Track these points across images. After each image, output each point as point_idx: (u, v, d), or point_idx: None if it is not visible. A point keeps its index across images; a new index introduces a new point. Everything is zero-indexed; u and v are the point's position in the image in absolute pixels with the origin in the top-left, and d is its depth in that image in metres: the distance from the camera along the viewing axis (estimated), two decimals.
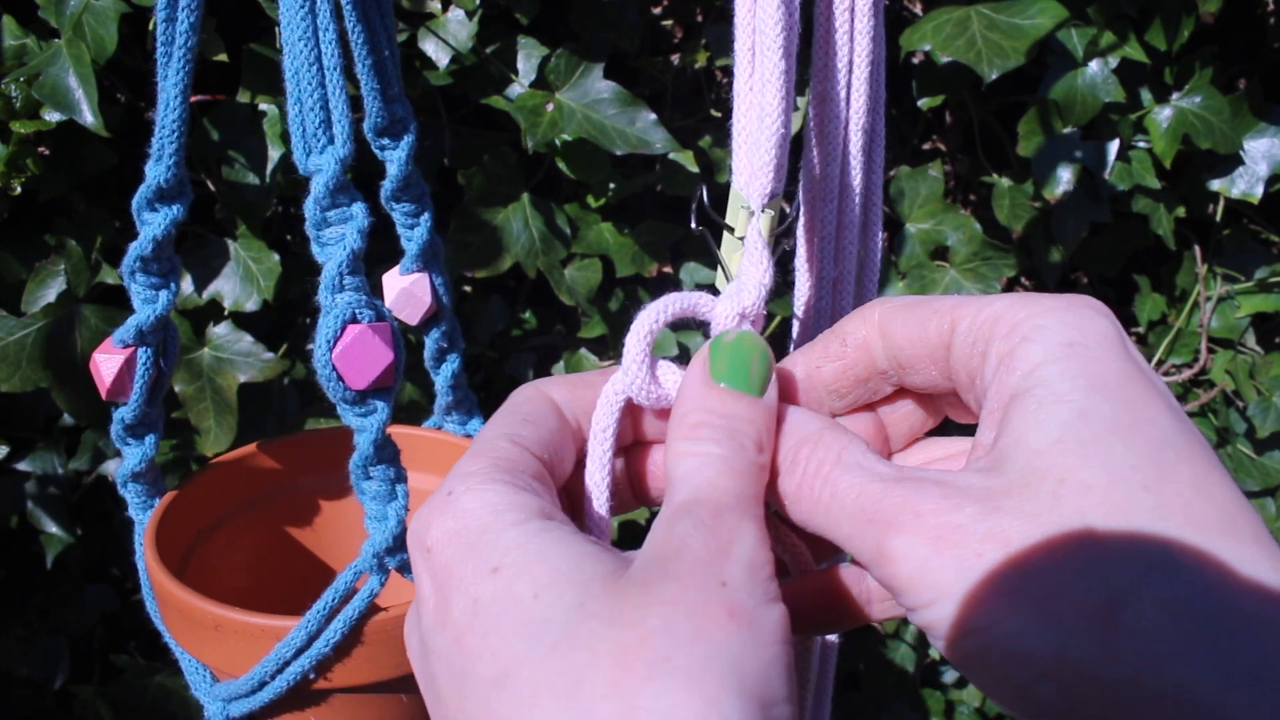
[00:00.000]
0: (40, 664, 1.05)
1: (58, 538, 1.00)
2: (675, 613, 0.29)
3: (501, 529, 0.31)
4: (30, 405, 0.97)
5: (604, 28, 0.98)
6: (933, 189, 1.12)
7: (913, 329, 0.36)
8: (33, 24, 0.84)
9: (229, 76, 0.91)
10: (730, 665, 0.28)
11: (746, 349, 0.36)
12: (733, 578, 0.30)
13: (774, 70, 0.39)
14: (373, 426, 0.50)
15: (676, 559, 0.30)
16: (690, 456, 0.34)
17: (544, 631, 0.29)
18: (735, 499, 0.33)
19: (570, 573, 0.30)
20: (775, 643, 0.29)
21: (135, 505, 0.63)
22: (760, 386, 0.35)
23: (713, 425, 0.34)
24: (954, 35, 0.97)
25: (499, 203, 0.99)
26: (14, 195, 0.84)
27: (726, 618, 0.29)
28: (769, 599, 0.30)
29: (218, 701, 0.56)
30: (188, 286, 0.93)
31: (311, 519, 0.71)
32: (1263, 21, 1.20)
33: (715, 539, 0.31)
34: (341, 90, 0.50)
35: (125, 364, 0.56)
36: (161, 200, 0.55)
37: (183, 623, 0.55)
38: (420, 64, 0.94)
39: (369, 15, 0.56)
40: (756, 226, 0.39)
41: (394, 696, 0.55)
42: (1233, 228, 1.25)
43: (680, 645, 0.28)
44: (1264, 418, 1.22)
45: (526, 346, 1.13)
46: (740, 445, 0.34)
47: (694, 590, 0.29)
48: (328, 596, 0.52)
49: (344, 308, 0.49)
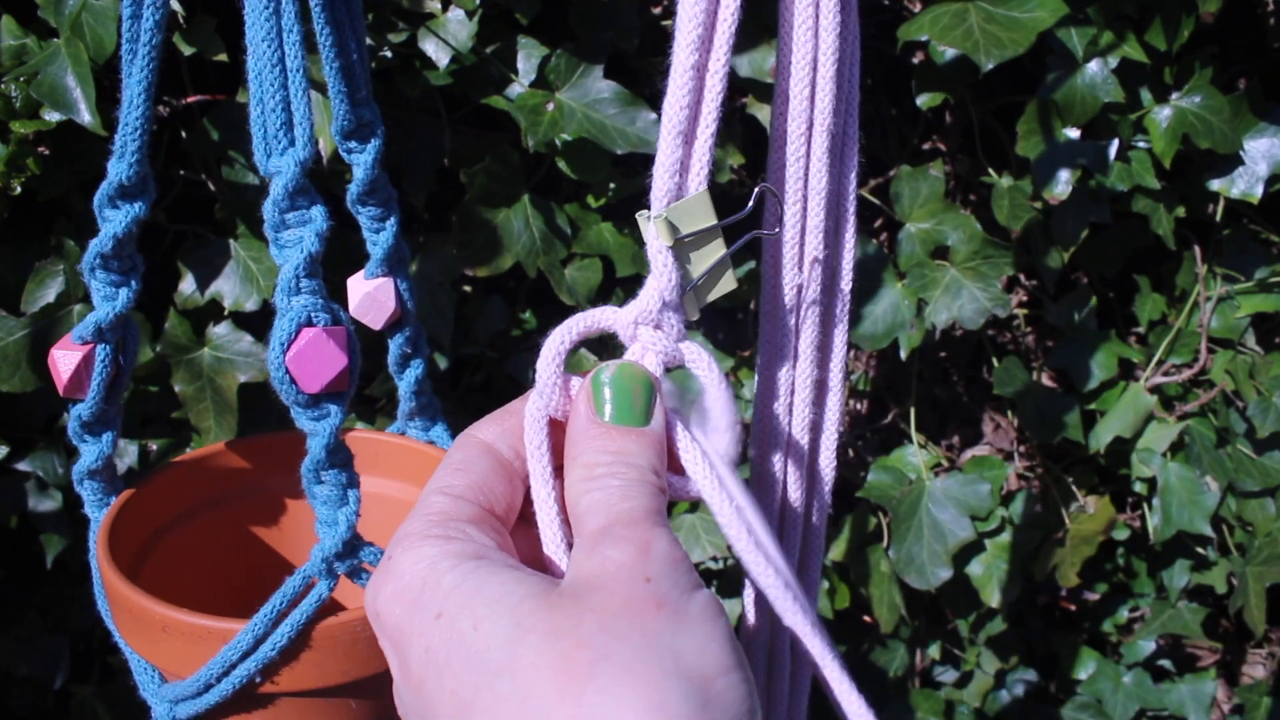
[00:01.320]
0: (40, 664, 1.05)
1: (57, 538, 1.00)
2: (607, 614, 0.31)
3: (439, 578, 0.33)
4: (30, 405, 0.97)
5: (604, 27, 0.98)
6: (933, 189, 1.12)
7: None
8: (33, 24, 0.84)
9: (229, 76, 0.91)
10: (666, 650, 0.30)
11: (627, 382, 0.37)
12: (656, 573, 0.32)
13: (684, 63, 0.38)
14: (325, 431, 0.50)
15: (600, 571, 0.32)
16: (593, 492, 0.35)
17: (488, 659, 0.30)
18: (644, 512, 0.35)
19: (503, 598, 0.32)
20: (705, 621, 0.32)
21: (91, 503, 0.63)
22: (645, 416, 0.37)
23: (606, 464, 0.36)
24: (951, 26, 0.97)
25: (500, 202, 0.99)
26: (14, 195, 0.84)
27: (655, 609, 0.31)
28: (693, 586, 0.33)
29: (164, 703, 0.56)
30: (188, 286, 0.93)
31: (278, 519, 0.71)
32: (1263, 21, 1.20)
33: (633, 545, 0.33)
34: (304, 93, 0.50)
35: (83, 361, 0.56)
36: (123, 198, 0.55)
37: (131, 622, 0.55)
38: (420, 64, 0.94)
39: (338, 18, 0.56)
40: (651, 230, 0.40)
41: (343, 702, 0.55)
42: (1233, 228, 1.25)
43: (616, 641, 0.30)
44: (1264, 418, 1.22)
45: (526, 346, 1.13)
46: (637, 475, 0.36)
47: (622, 592, 0.31)
48: (275, 600, 0.51)
49: (299, 310, 0.49)
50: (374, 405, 1.07)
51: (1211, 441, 1.27)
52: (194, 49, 0.86)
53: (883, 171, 1.18)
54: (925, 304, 1.12)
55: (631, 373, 0.37)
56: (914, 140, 1.21)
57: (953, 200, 1.22)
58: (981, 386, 1.35)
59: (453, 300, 1.00)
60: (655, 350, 0.39)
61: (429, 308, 0.99)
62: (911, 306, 1.12)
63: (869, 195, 1.16)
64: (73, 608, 1.07)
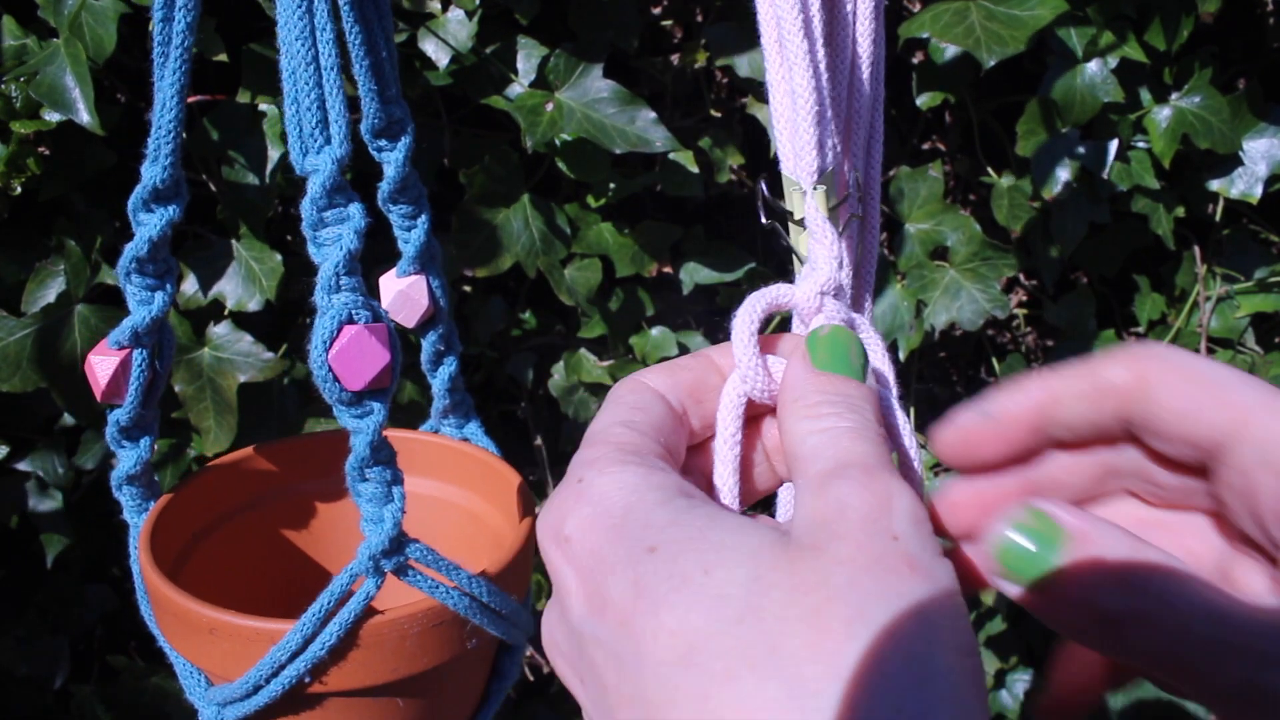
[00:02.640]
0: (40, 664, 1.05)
1: (58, 538, 1.00)
2: (857, 569, 0.28)
3: (648, 509, 0.30)
4: (30, 405, 0.97)
5: (603, 27, 0.98)
6: (932, 189, 1.12)
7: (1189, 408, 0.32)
8: (33, 24, 0.84)
9: (229, 76, 0.91)
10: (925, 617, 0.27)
11: (843, 339, 0.36)
12: (903, 531, 0.29)
13: (798, 51, 0.40)
14: (369, 428, 0.50)
15: (840, 519, 0.29)
16: (818, 432, 0.33)
17: (724, 606, 0.27)
18: (878, 461, 0.31)
19: (735, 546, 0.29)
20: (954, 592, 0.28)
21: (130, 508, 0.62)
22: (862, 372, 0.35)
23: (832, 402, 0.34)
24: (952, 24, 0.97)
25: (499, 203, 0.99)
26: (14, 195, 0.84)
27: (909, 570, 0.28)
28: (938, 552, 0.29)
29: (212, 706, 0.56)
30: (190, 287, 0.93)
31: (309, 522, 0.71)
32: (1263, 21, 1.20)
33: (875, 496, 0.30)
34: (339, 90, 0.50)
35: (120, 366, 0.56)
36: (157, 201, 0.55)
37: (177, 626, 0.55)
38: (420, 64, 0.94)
39: (367, 16, 0.56)
40: (813, 203, 0.40)
41: (390, 701, 0.55)
42: (1232, 228, 1.25)
43: (872, 600, 0.27)
44: None
45: (526, 346, 1.14)
46: (864, 418, 0.33)
47: (870, 547, 0.28)
48: (323, 599, 0.51)
49: (340, 308, 0.49)
50: None
51: None
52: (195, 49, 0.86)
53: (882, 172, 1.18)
54: (924, 305, 1.12)
55: (845, 333, 0.36)
56: (914, 140, 1.21)
57: (952, 200, 1.22)
58: (981, 386, 1.35)
59: (453, 300, 1.00)
60: (841, 318, 0.40)
61: None
62: (911, 307, 1.12)
63: None
64: (73, 608, 1.07)
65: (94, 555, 1.07)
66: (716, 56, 1.03)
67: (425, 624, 0.53)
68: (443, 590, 0.52)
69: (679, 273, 1.11)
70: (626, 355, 1.11)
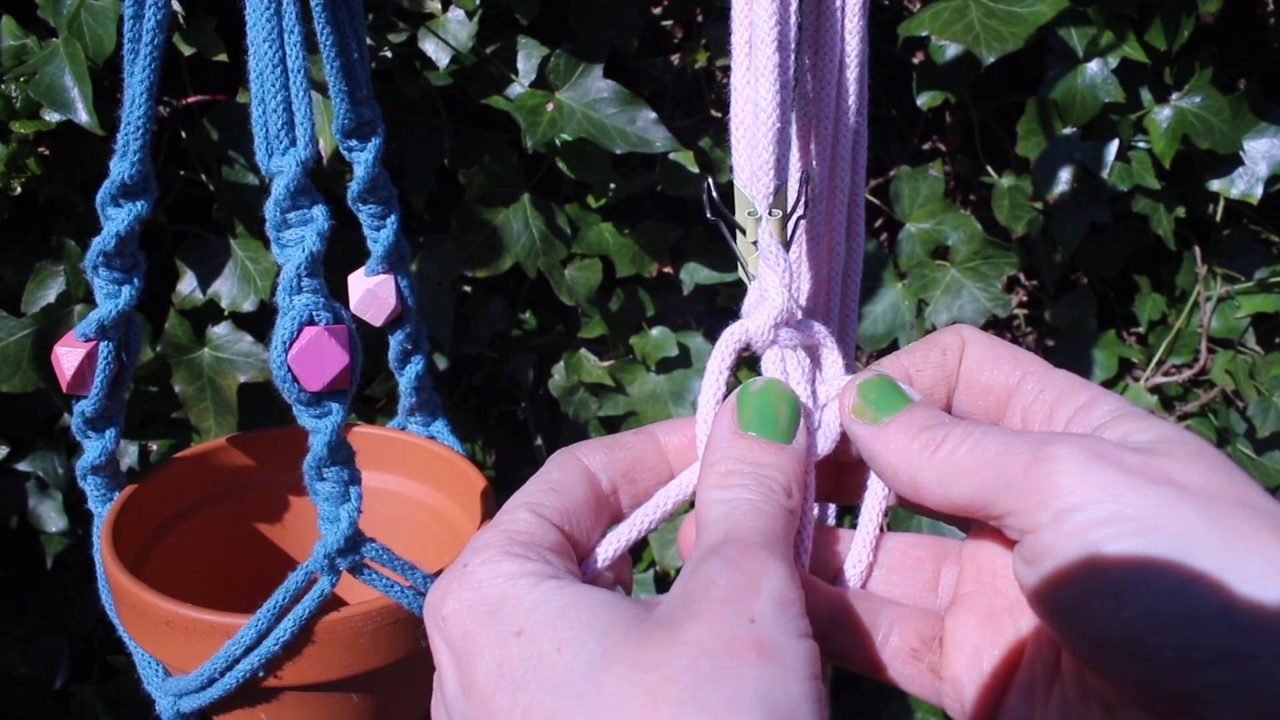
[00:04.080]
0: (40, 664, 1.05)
1: (58, 538, 1.00)
2: (701, 652, 0.29)
3: (520, 594, 0.32)
4: (30, 405, 0.97)
5: (603, 27, 0.98)
6: (933, 189, 1.12)
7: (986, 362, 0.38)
8: (33, 24, 0.84)
9: (229, 76, 0.91)
10: (758, 703, 0.28)
11: (773, 397, 0.36)
12: (762, 614, 0.30)
13: (768, 63, 0.39)
14: (327, 428, 0.50)
15: (703, 597, 0.30)
16: (719, 503, 0.34)
17: (570, 683, 0.29)
18: (764, 538, 0.33)
19: (590, 622, 0.30)
20: (805, 678, 0.29)
21: (94, 498, 0.63)
22: (788, 433, 0.36)
23: (741, 472, 0.35)
24: (952, 21, 0.97)
25: (499, 203, 0.99)
26: (14, 195, 0.84)
27: (755, 655, 0.29)
28: (800, 634, 0.30)
29: (169, 696, 0.57)
30: (187, 286, 0.93)
31: (279, 515, 0.71)
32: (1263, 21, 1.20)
33: (744, 576, 0.31)
34: (305, 93, 0.51)
35: (86, 358, 0.57)
36: (125, 196, 0.56)
37: (135, 617, 0.56)
38: (420, 64, 0.94)
39: (338, 18, 0.56)
40: (766, 230, 0.39)
41: (345, 696, 0.56)
42: (1233, 228, 1.25)
43: (707, 685, 0.28)
44: (1264, 418, 1.22)
45: (526, 346, 1.13)
46: (769, 490, 0.34)
47: (721, 628, 0.29)
48: (278, 596, 0.52)
49: (301, 309, 0.49)
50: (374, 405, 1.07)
51: (1212, 441, 1.27)
52: (194, 49, 0.86)
53: (883, 171, 1.18)
54: (925, 304, 1.12)
55: (778, 389, 0.37)
56: (914, 140, 1.21)
57: (953, 200, 1.22)
58: None
59: (453, 300, 1.00)
60: (795, 343, 0.40)
61: (429, 308, 0.99)
62: (912, 307, 1.12)
63: (869, 195, 1.16)
64: (73, 608, 1.07)
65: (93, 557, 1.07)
66: (717, 56, 1.03)
67: (380, 622, 0.54)
68: (398, 589, 0.53)
69: (679, 273, 1.11)
70: (627, 355, 1.11)
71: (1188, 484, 0.31)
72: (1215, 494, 0.30)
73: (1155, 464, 0.31)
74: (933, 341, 0.39)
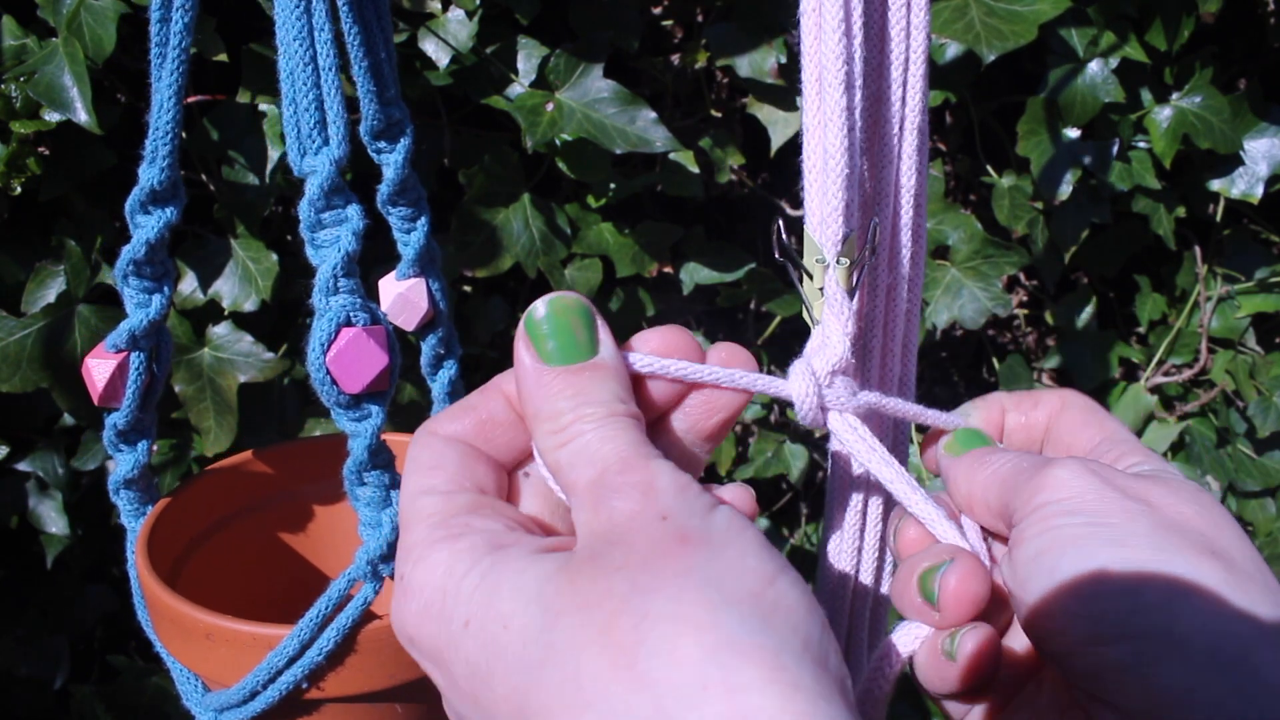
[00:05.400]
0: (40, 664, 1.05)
1: (58, 538, 1.00)
2: (634, 569, 0.28)
3: (457, 584, 0.31)
4: (30, 405, 0.97)
5: (603, 27, 0.97)
6: (933, 188, 1.12)
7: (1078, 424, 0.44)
8: (32, 24, 0.84)
9: (229, 76, 0.91)
10: (704, 584, 0.28)
11: (562, 317, 0.34)
12: (669, 507, 0.30)
13: (836, 107, 0.38)
14: (367, 431, 0.49)
15: (613, 526, 0.30)
16: (567, 445, 0.33)
17: (527, 656, 0.29)
18: (630, 448, 0.32)
19: (524, 588, 0.30)
20: (733, 537, 0.29)
21: (127, 512, 0.62)
22: (590, 346, 0.34)
23: (569, 410, 0.33)
24: (952, 20, 0.97)
25: (499, 203, 0.99)
26: (14, 195, 0.84)
27: (679, 545, 0.29)
28: (709, 507, 0.30)
29: (209, 712, 0.55)
30: (188, 286, 0.93)
31: (307, 526, 0.70)
32: (1263, 21, 1.20)
33: (634, 487, 0.31)
34: (337, 91, 0.50)
35: (118, 369, 0.56)
36: (155, 203, 0.54)
37: (174, 631, 0.54)
38: (420, 64, 0.94)
39: (365, 17, 0.55)
40: (834, 278, 0.39)
41: (389, 706, 0.55)
42: (1233, 228, 1.25)
43: (651, 595, 0.28)
44: (1264, 418, 1.22)
45: None
46: (605, 415, 0.33)
47: (641, 540, 0.29)
48: (321, 604, 0.51)
49: (338, 311, 0.48)
50: None
51: (1212, 441, 1.27)
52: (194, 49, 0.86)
53: None
54: (926, 304, 1.12)
55: (564, 304, 0.35)
56: None
57: (953, 200, 1.22)
58: (982, 386, 1.35)
59: (453, 300, 1.00)
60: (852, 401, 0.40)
61: None
62: None
63: None
64: (73, 608, 1.07)
65: (94, 555, 1.07)
66: (717, 56, 1.03)
67: None
68: None
69: (679, 273, 1.11)
70: None
71: (1160, 505, 0.35)
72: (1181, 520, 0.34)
73: (1139, 487, 0.36)
74: (1035, 397, 0.45)
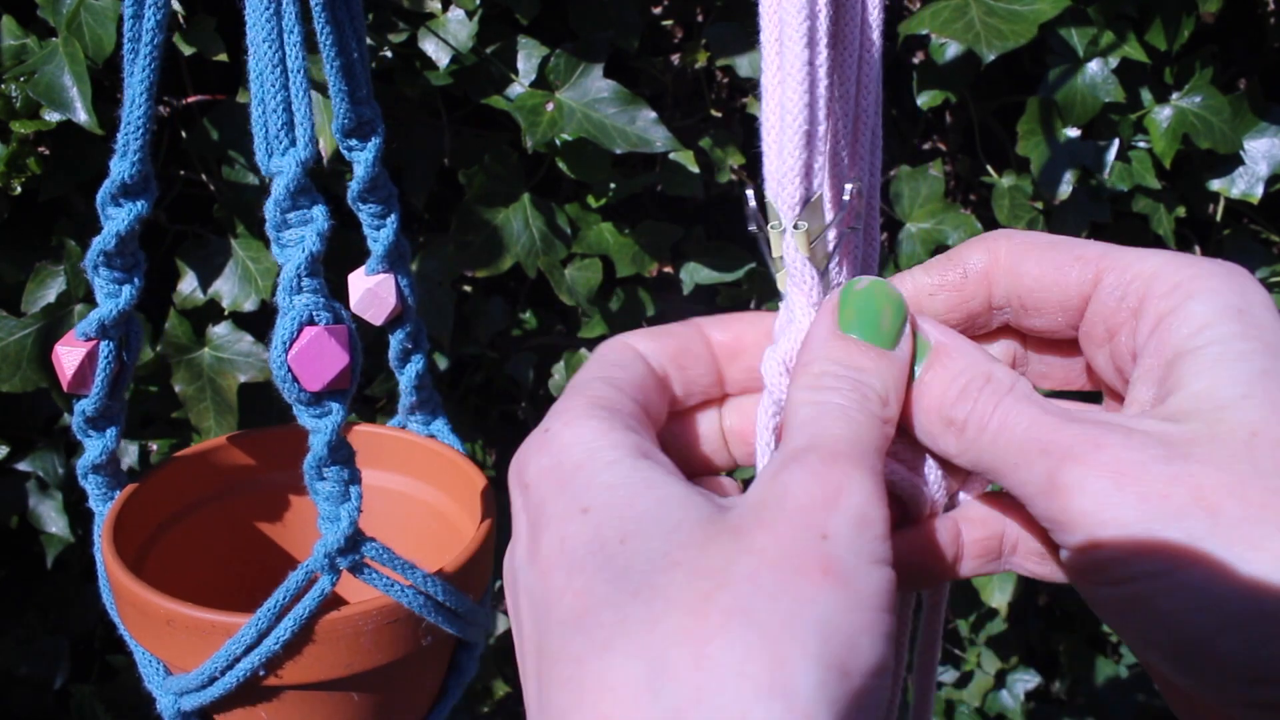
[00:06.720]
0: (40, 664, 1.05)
1: (58, 538, 1.00)
2: (763, 563, 0.27)
3: (595, 469, 0.30)
4: (30, 405, 0.97)
5: (604, 27, 0.98)
6: (933, 189, 1.12)
7: (1048, 271, 0.34)
8: (32, 24, 0.84)
9: (229, 76, 0.91)
10: (815, 626, 0.26)
11: (878, 299, 0.34)
12: (836, 531, 0.28)
13: (797, 60, 0.36)
14: (327, 428, 0.51)
15: (776, 506, 0.28)
16: (808, 404, 0.32)
17: (626, 578, 0.28)
18: (851, 447, 0.30)
19: (660, 518, 0.29)
20: (874, 609, 0.27)
21: (95, 497, 0.64)
22: (892, 339, 0.33)
23: (837, 375, 0.32)
24: (952, 19, 0.97)
25: (499, 203, 0.99)
26: (14, 195, 0.84)
27: (820, 574, 0.27)
28: (875, 560, 0.28)
29: (169, 695, 0.57)
30: (187, 286, 0.93)
31: (280, 514, 0.71)
32: (1263, 21, 1.20)
33: (823, 488, 0.28)
34: (305, 93, 0.51)
35: (87, 357, 0.57)
36: (126, 196, 0.56)
37: (136, 616, 0.56)
38: (420, 64, 0.94)
39: (338, 17, 0.57)
40: (791, 243, 0.36)
41: (346, 695, 0.56)
42: (1233, 228, 1.25)
43: (763, 598, 0.26)
44: None
45: (526, 346, 1.13)
46: (864, 397, 0.32)
47: (789, 541, 0.27)
48: (278, 595, 0.52)
49: (301, 309, 0.49)
50: (374, 405, 1.07)
51: None
52: (194, 49, 0.86)
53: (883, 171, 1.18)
54: None
55: (884, 291, 0.34)
56: (914, 140, 1.21)
57: (953, 200, 1.22)
58: None
59: (453, 300, 1.00)
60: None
61: (429, 307, 0.99)
62: None
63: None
64: (73, 608, 1.07)
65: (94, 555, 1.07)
66: (717, 56, 1.03)
67: (380, 621, 0.54)
68: (398, 589, 0.53)
69: (679, 273, 1.11)
70: None
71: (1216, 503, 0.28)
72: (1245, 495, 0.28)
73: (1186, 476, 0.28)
74: (951, 258, 0.36)
